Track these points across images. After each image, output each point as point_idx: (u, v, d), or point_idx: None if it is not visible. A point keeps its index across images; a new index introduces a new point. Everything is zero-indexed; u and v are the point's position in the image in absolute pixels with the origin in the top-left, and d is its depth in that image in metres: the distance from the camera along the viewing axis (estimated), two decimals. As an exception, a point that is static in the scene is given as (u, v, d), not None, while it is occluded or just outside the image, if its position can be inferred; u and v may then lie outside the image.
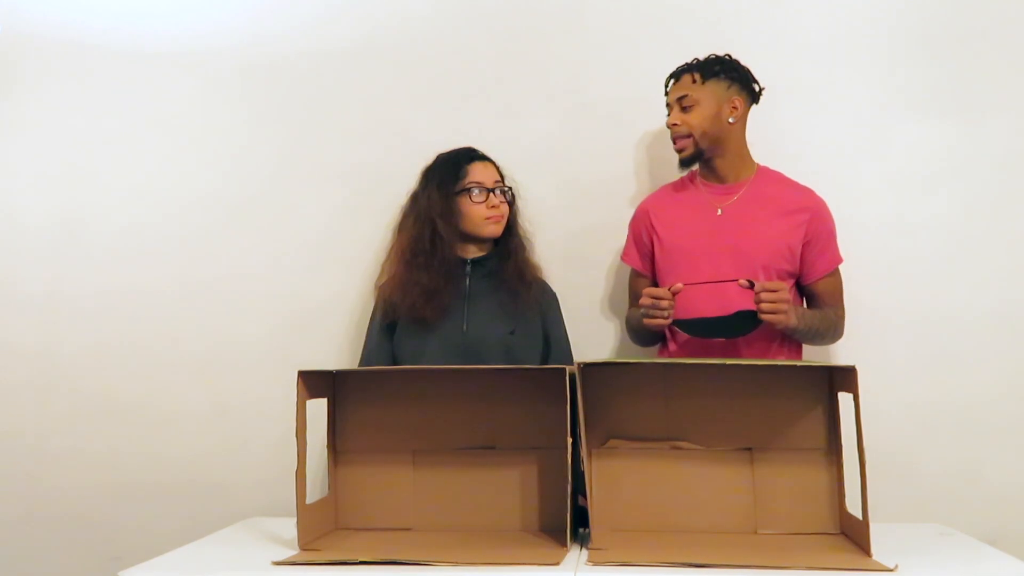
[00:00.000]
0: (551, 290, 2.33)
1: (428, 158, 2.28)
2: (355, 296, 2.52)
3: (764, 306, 2.00)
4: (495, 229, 2.21)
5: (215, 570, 1.59)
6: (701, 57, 2.22)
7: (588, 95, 2.53)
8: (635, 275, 2.35)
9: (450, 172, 2.21)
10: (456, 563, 1.51)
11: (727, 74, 2.19)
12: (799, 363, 1.93)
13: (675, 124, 2.19)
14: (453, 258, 2.21)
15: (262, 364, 2.53)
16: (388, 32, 2.57)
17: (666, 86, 2.25)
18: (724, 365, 1.81)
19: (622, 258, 2.37)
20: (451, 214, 2.19)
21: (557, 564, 1.51)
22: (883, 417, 2.30)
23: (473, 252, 2.25)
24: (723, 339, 2.13)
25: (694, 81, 2.18)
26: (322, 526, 1.77)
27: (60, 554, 2.54)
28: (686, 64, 2.22)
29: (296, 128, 2.59)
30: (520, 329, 2.21)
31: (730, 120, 2.19)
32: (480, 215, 2.19)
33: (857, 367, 1.55)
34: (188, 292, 2.57)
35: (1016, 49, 2.47)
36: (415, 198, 2.25)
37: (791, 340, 2.20)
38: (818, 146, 2.48)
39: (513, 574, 1.48)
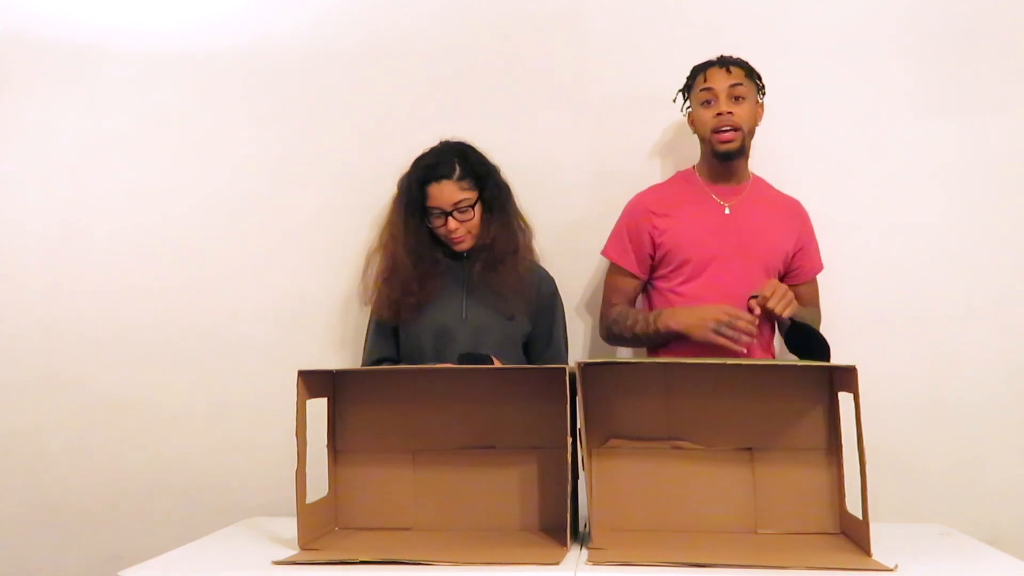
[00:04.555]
0: (549, 285, 2.27)
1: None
2: (356, 296, 2.51)
3: (779, 307, 2.04)
4: (461, 247, 2.19)
5: (215, 570, 1.59)
6: (715, 55, 2.19)
7: (589, 95, 2.52)
8: (623, 274, 2.26)
9: (413, 192, 2.18)
10: (456, 563, 1.51)
11: (759, 80, 2.19)
12: (799, 363, 1.93)
13: (729, 113, 2.11)
14: (432, 259, 2.20)
15: (262, 364, 2.52)
16: (390, 33, 2.56)
17: (697, 74, 2.18)
18: (724, 365, 1.81)
19: (614, 257, 2.26)
20: (418, 230, 2.18)
21: (557, 564, 1.52)
22: (883, 417, 2.30)
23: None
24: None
25: (746, 75, 2.14)
26: (322, 526, 1.77)
27: (60, 554, 2.53)
28: (727, 57, 2.16)
29: (297, 128, 2.58)
30: (519, 317, 2.20)
31: (758, 124, 2.20)
32: (442, 235, 2.19)
33: (857, 367, 1.55)
34: (188, 292, 2.56)
35: (1016, 49, 2.47)
36: (391, 206, 2.24)
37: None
38: (818, 146, 2.47)
39: (513, 574, 1.49)
